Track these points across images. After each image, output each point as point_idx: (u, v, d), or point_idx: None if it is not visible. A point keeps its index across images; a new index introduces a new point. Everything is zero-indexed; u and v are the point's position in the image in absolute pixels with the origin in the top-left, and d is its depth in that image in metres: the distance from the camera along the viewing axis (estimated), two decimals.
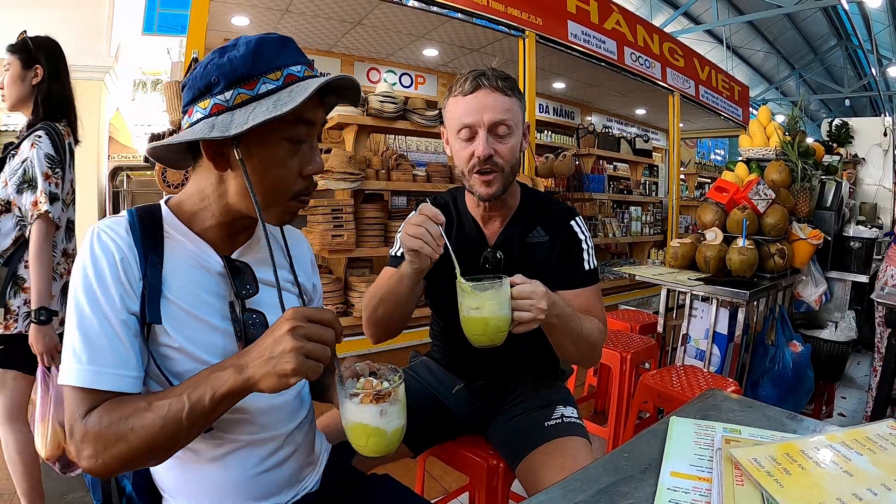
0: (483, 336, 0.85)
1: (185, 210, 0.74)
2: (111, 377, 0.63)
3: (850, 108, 15.37)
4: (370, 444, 0.66)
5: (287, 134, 0.67)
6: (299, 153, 0.70)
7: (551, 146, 6.39)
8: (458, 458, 1.19)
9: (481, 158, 1.00)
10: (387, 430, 0.66)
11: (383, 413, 0.65)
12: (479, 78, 1.00)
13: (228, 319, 0.73)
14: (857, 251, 2.69)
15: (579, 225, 1.13)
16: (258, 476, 0.75)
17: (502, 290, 0.84)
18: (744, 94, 7.81)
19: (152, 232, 0.70)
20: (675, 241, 2.64)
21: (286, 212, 0.72)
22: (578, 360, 1.09)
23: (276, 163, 0.68)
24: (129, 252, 0.67)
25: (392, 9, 4.09)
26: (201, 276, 0.72)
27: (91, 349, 0.62)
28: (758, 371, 2.25)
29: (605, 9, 4.96)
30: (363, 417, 0.65)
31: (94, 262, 0.66)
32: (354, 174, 3.40)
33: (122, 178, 5.16)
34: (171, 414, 0.59)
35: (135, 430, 0.59)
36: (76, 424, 0.61)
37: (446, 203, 1.18)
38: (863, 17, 9.16)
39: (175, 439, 0.61)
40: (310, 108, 0.67)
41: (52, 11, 4.41)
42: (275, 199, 0.70)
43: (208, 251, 0.74)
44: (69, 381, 0.62)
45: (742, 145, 2.90)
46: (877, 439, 0.62)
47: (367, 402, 0.65)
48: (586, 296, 1.09)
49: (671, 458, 0.63)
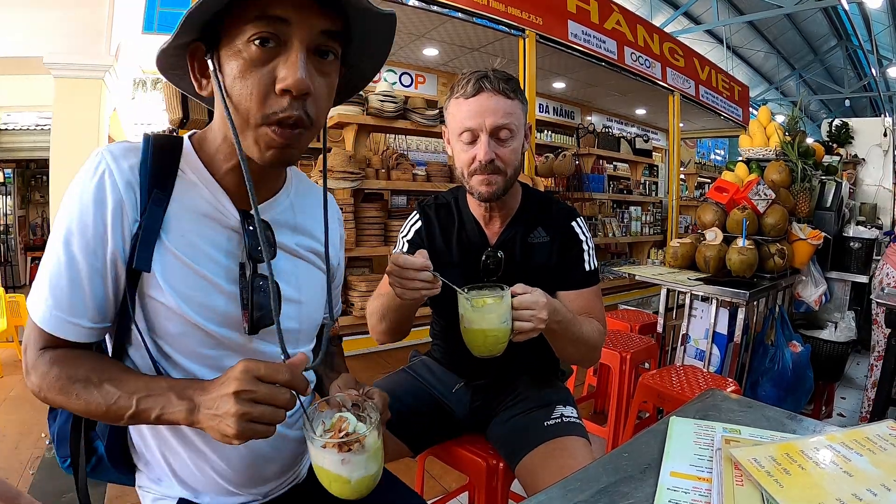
0: (483, 347, 0.85)
1: (205, 150, 0.65)
2: (64, 324, 0.60)
3: (850, 108, 15.38)
4: (333, 488, 0.60)
5: (250, 33, 0.55)
6: (273, 62, 0.56)
7: (551, 146, 6.39)
8: (457, 458, 1.19)
9: (483, 163, 1.00)
10: (350, 478, 0.59)
11: (345, 462, 0.58)
12: (481, 80, 0.99)
13: (236, 283, 0.64)
14: (856, 251, 2.69)
15: (580, 225, 1.14)
16: (248, 462, 0.71)
17: (503, 302, 0.83)
18: (744, 95, 7.82)
19: (165, 168, 0.62)
20: (675, 241, 2.64)
21: (260, 141, 0.58)
22: (578, 361, 1.10)
23: (241, 70, 0.56)
24: (126, 192, 0.60)
25: (392, 8, 4.09)
26: (211, 229, 0.64)
27: (51, 289, 0.59)
28: (757, 371, 2.25)
29: (606, 8, 4.96)
30: (323, 462, 0.59)
31: (81, 196, 0.59)
32: (354, 173, 3.40)
33: None
34: (115, 407, 0.57)
35: (79, 397, 0.58)
36: (30, 350, 0.61)
37: (448, 202, 1.18)
38: (863, 18, 9.16)
39: (114, 423, 0.60)
40: (283, 2, 0.55)
41: (53, 11, 4.41)
42: (245, 120, 0.58)
43: (224, 200, 0.65)
44: (34, 317, 0.61)
45: (742, 145, 2.90)
46: (877, 440, 0.62)
47: (330, 448, 0.58)
48: (586, 296, 1.10)
49: (671, 458, 0.63)
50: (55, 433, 0.72)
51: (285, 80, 0.55)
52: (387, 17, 0.63)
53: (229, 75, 0.57)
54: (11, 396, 2.79)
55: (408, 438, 1.13)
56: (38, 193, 7.07)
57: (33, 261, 6.92)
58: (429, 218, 1.16)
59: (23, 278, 6.84)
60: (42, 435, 2.30)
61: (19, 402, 2.71)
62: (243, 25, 0.55)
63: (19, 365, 3.28)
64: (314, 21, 0.56)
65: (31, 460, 2.07)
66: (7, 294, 3.60)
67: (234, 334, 0.66)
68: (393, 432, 1.11)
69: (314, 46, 0.58)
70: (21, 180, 6.90)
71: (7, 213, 6.74)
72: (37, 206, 7.13)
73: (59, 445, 0.71)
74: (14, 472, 2.00)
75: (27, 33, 4.40)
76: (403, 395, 1.18)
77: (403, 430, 1.12)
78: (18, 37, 4.41)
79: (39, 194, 7.04)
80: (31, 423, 2.43)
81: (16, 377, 3.09)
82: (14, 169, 6.70)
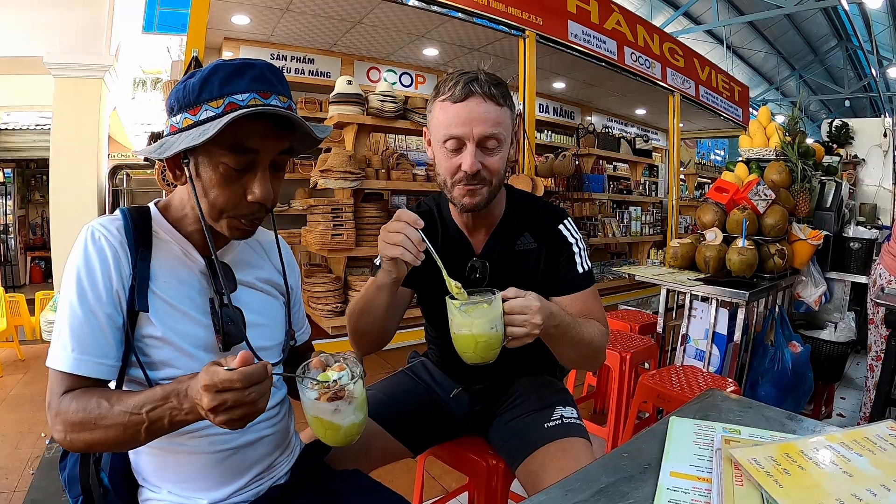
0: (474, 355, 0.82)
1: (171, 214, 0.80)
2: (92, 364, 0.69)
3: (850, 108, 15.39)
4: (328, 435, 0.71)
5: (223, 160, 0.70)
6: (244, 178, 0.72)
7: (551, 146, 6.39)
8: (457, 458, 1.19)
9: (468, 174, 0.94)
10: (342, 424, 0.70)
11: (337, 410, 0.69)
12: (470, 84, 0.93)
13: (208, 314, 0.78)
14: (856, 252, 2.70)
15: (568, 228, 1.09)
16: (230, 453, 0.78)
17: (493, 306, 0.80)
18: (744, 95, 7.82)
19: (143, 230, 0.76)
20: (675, 241, 2.64)
21: (232, 227, 0.75)
22: (582, 364, 1.05)
23: (215, 184, 0.72)
24: (120, 249, 0.73)
25: (392, 8, 4.09)
26: (185, 274, 0.78)
27: (76, 339, 0.69)
28: (757, 371, 2.25)
29: (606, 9, 4.96)
30: (318, 412, 0.70)
31: (87, 259, 0.71)
32: (354, 173, 3.40)
33: (121, 176, 5.16)
34: (130, 424, 0.64)
35: (98, 426, 0.65)
36: (53, 400, 0.68)
37: (430, 210, 1.13)
38: (863, 18, 9.17)
39: (134, 443, 0.66)
40: (252, 134, 0.70)
41: (53, 11, 4.41)
42: (218, 215, 0.74)
43: (191, 251, 0.79)
44: (54, 364, 0.69)
45: (742, 146, 2.90)
46: (876, 440, 0.62)
47: (323, 400, 0.69)
48: (584, 299, 1.06)
49: (671, 458, 0.63)
50: (66, 479, 0.79)
51: (255, 194, 0.73)
52: (319, 140, 0.78)
53: (204, 181, 0.72)
54: (11, 396, 2.79)
55: (407, 439, 1.12)
56: (38, 193, 7.06)
57: (33, 261, 6.92)
58: None
59: (23, 278, 6.83)
60: (42, 434, 2.30)
61: (19, 402, 2.71)
62: (220, 150, 0.70)
63: (19, 365, 3.29)
64: (275, 145, 0.73)
65: (31, 460, 2.07)
66: (7, 294, 3.60)
67: (211, 355, 0.77)
68: (393, 433, 1.10)
69: (273, 163, 0.75)
70: (21, 180, 6.89)
71: (7, 212, 6.74)
72: (37, 205, 7.12)
73: (71, 487, 0.78)
74: (14, 471, 2.00)
75: (27, 33, 4.40)
76: (403, 396, 1.18)
77: (403, 430, 1.11)
78: (18, 37, 4.41)
79: (39, 194, 7.04)
80: (31, 423, 2.43)
81: (16, 377, 3.09)
82: (14, 169, 6.69)
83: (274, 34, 4.63)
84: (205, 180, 0.72)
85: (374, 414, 1.10)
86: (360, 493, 0.90)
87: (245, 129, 0.69)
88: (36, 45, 4.36)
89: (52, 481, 0.85)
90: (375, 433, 1.08)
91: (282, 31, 4.57)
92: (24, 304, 3.71)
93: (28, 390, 2.87)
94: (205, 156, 0.71)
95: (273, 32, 4.59)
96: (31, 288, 6.06)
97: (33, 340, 3.69)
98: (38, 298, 3.85)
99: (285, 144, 0.75)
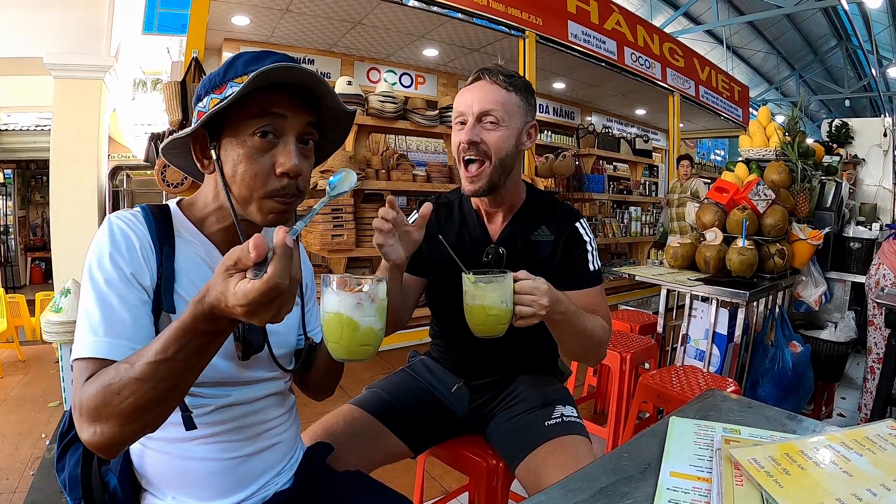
0: (483, 326, 0.88)
1: (194, 213, 0.78)
2: (126, 349, 0.62)
3: (850, 108, 15.37)
4: (344, 336, 0.66)
5: (254, 128, 0.69)
6: (272, 151, 0.70)
7: (551, 146, 6.38)
8: (457, 458, 1.19)
9: (465, 144, 1.01)
10: (360, 323, 0.66)
11: (359, 305, 0.66)
12: (481, 71, 1.03)
13: None
14: (856, 252, 2.70)
15: (584, 227, 1.15)
16: (240, 461, 0.76)
17: (504, 283, 0.86)
18: (744, 95, 7.82)
19: (165, 229, 0.74)
20: (675, 241, 2.64)
21: (263, 210, 0.72)
22: (583, 356, 1.10)
23: (244, 158, 0.70)
24: (145, 240, 0.71)
25: (392, 9, 4.09)
26: (208, 275, 0.69)
27: (109, 323, 0.63)
28: (757, 371, 2.25)
29: (606, 9, 4.97)
30: (339, 307, 0.66)
31: (113, 242, 0.68)
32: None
33: (121, 177, 5.17)
34: (161, 374, 0.55)
35: (123, 395, 0.56)
36: (76, 391, 0.59)
37: (451, 202, 1.19)
38: (863, 18, 9.16)
39: (176, 397, 0.59)
40: (278, 102, 0.69)
41: (53, 11, 4.42)
42: (249, 196, 0.71)
43: (214, 253, 0.77)
44: (82, 353, 0.62)
45: (742, 146, 2.90)
46: (876, 440, 0.62)
47: (346, 290, 0.66)
48: (591, 296, 1.10)
49: (671, 458, 0.63)
50: (64, 481, 0.74)
51: (284, 166, 0.70)
52: (348, 114, 0.79)
53: (232, 160, 0.70)
54: (12, 397, 2.79)
55: (408, 437, 1.13)
56: (38, 194, 7.07)
57: (33, 262, 6.92)
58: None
59: (23, 279, 6.84)
60: (42, 435, 2.30)
61: (19, 402, 2.71)
62: (247, 120, 0.69)
63: (19, 365, 3.29)
64: (302, 116, 0.72)
65: (31, 460, 2.07)
66: (7, 295, 3.60)
67: (230, 362, 0.75)
68: (393, 430, 1.11)
69: (300, 135, 0.73)
70: (21, 181, 6.90)
71: (7, 213, 6.75)
72: (37, 206, 7.13)
73: (71, 489, 0.74)
74: (14, 472, 2.00)
75: (27, 33, 4.40)
76: (403, 394, 1.18)
77: (403, 429, 1.12)
78: (18, 37, 4.41)
79: (39, 195, 7.05)
80: (31, 423, 2.43)
81: (16, 377, 3.10)
82: (14, 169, 6.70)
83: (274, 35, 4.63)
84: (233, 159, 0.70)
85: (375, 411, 1.12)
86: (364, 493, 0.90)
87: (272, 98, 0.69)
88: (36, 46, 4.37)
89: (53, 482, 0.84)
90: (376, 433, 1.09)
91: (282, 32, 4.57)
92: (25, 304, 3.71)
93: (28, 391, 2.87)
94: (231, 136, 0.70)
95: (273, 33, 4.59)
96: (32, 289, 6.07)
97: (33, 341, 3.69)
98: (39, 299, 3.85)
99: (312, 117, 0.74)
